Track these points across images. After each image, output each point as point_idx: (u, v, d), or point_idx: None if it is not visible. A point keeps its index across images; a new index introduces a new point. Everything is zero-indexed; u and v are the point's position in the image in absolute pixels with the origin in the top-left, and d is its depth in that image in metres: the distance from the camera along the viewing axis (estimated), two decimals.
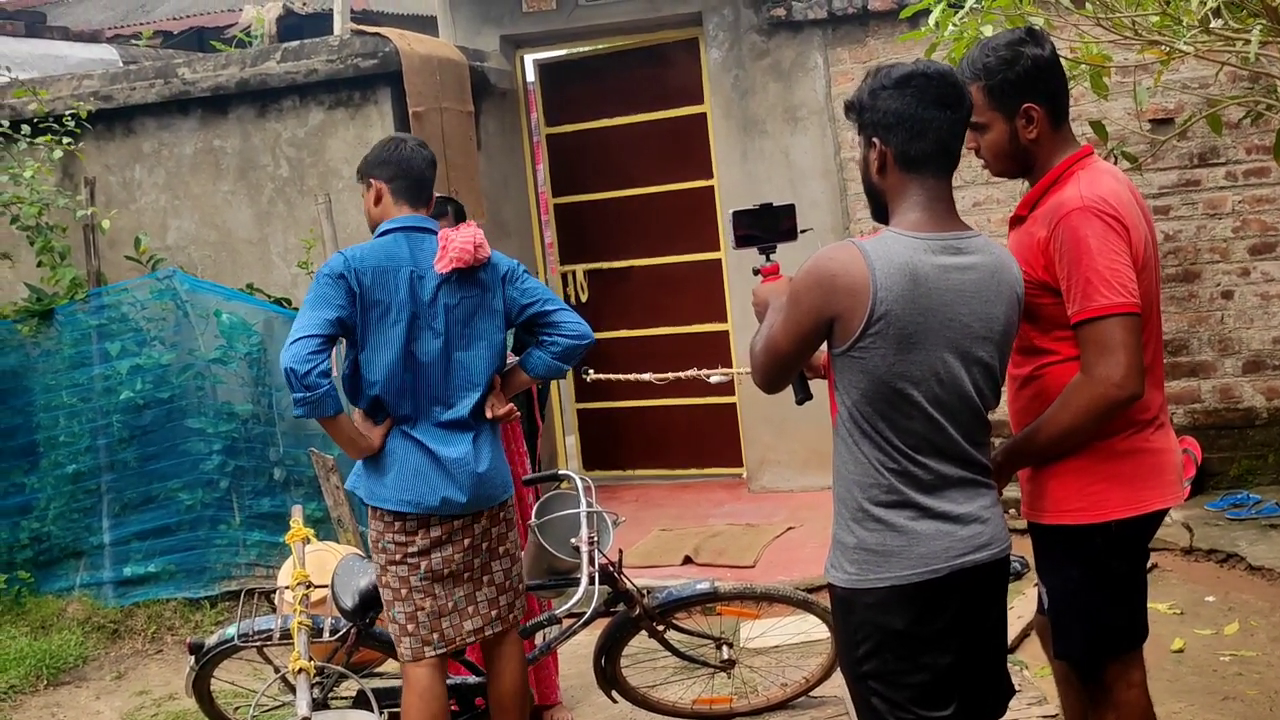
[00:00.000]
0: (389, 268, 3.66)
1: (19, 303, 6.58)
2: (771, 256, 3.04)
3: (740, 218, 3.04)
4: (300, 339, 3.53)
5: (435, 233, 3.78)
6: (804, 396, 2.97)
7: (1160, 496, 2.94)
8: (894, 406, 2.57)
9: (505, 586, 3.89)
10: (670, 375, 5.22)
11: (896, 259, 2.54)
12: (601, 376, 5.97)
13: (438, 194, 4.13)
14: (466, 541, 3.78)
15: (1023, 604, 5.01)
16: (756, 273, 3.02)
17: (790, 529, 6.60)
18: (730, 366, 7.52)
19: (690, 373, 5.01)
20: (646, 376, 5.26)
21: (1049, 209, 2.87)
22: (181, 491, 6.32)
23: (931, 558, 2.59)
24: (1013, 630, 4.60)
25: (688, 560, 6.24)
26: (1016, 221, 3.03)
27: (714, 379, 4.80)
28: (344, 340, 3.72)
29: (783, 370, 2.75)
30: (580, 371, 6.22)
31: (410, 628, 3.76)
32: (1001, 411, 2.89)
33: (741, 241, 3.04)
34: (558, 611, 3.96)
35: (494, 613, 3.86)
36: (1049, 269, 2.83)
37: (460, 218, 4.54)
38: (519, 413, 4.03)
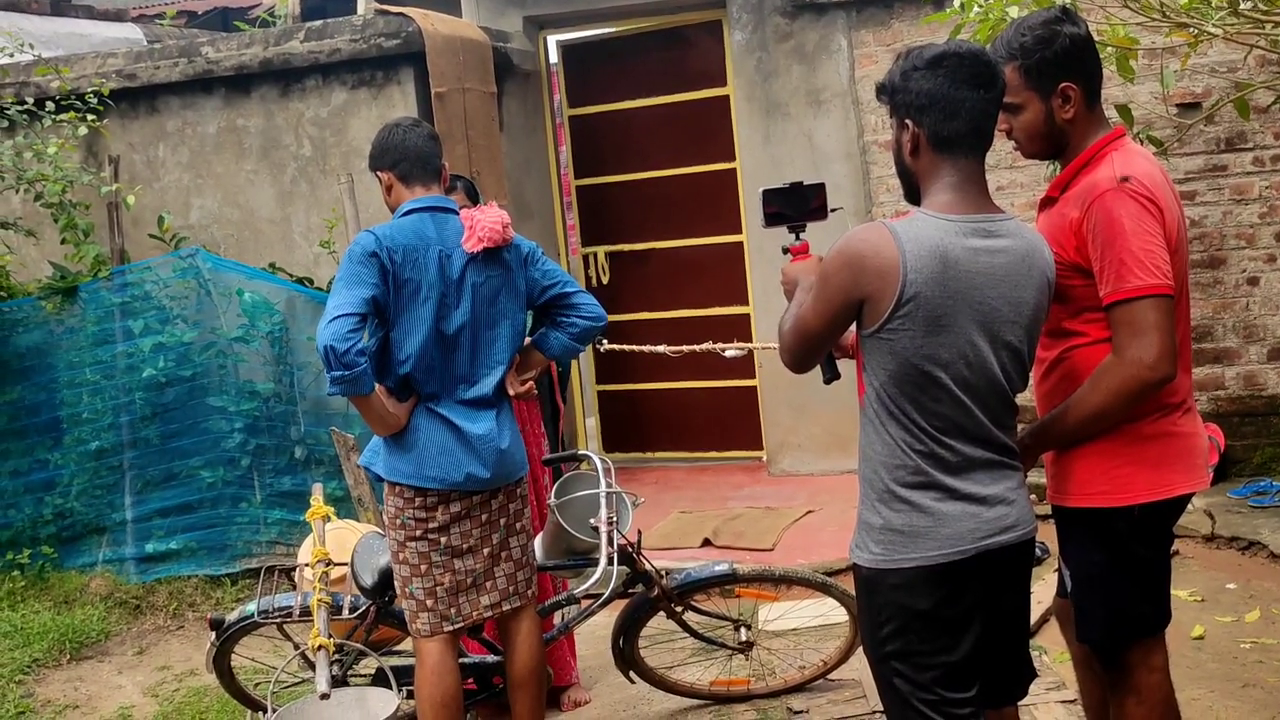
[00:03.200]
0: (419, 246, 3.67)
1: (43, 280, 6.61)
2: (801, 235, 3.02)
3: (770, 196, 3.02)
4: (338, 317, 3.47)
5: (457, 212, 3.79)
6: (832, 375, 2.96)
7: (1186, 481, 2.90)
8: (921, 389, 2.56)
9: (522, 562, 3.92)
10: (685, 348, 5.19)
11: (927, 241, 2.52)
12: (615, 347, 5.93)
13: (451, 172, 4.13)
14: (484, 517, 3.81)
15: (1043, 589, 4.98)
16: (786, 251, 3.01)
17: (809, 512, 6.58)
18: (753, 352, 7.48)
19: (705, 346, 4.98)
20: (661, 348, 5.24)
21: (1082, 189, 2.83)
22: (203, 469, 6.34)
23: (957, 539, 2.59)
24: (1033, 615, 4.58)
25: (707, 543, 6.23)
26: (1047, 203, 2.99)
27: (729, 353, 4.77)
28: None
29: (811, 350, 2.74)
30: (595, 342, 6.24)
31: (429, 603, 3.76)
32: (1026, 396, 2.88)
33: (771, 220, 3.03)
34: (576, 592, 3.95)
35: (511, 588, 3.88)
36: (1081, 250, 2.80)
37: (472, 193, 4.54)
38: (536, 391, 4.05)
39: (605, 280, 8.08)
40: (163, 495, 6.40)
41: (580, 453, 4.28)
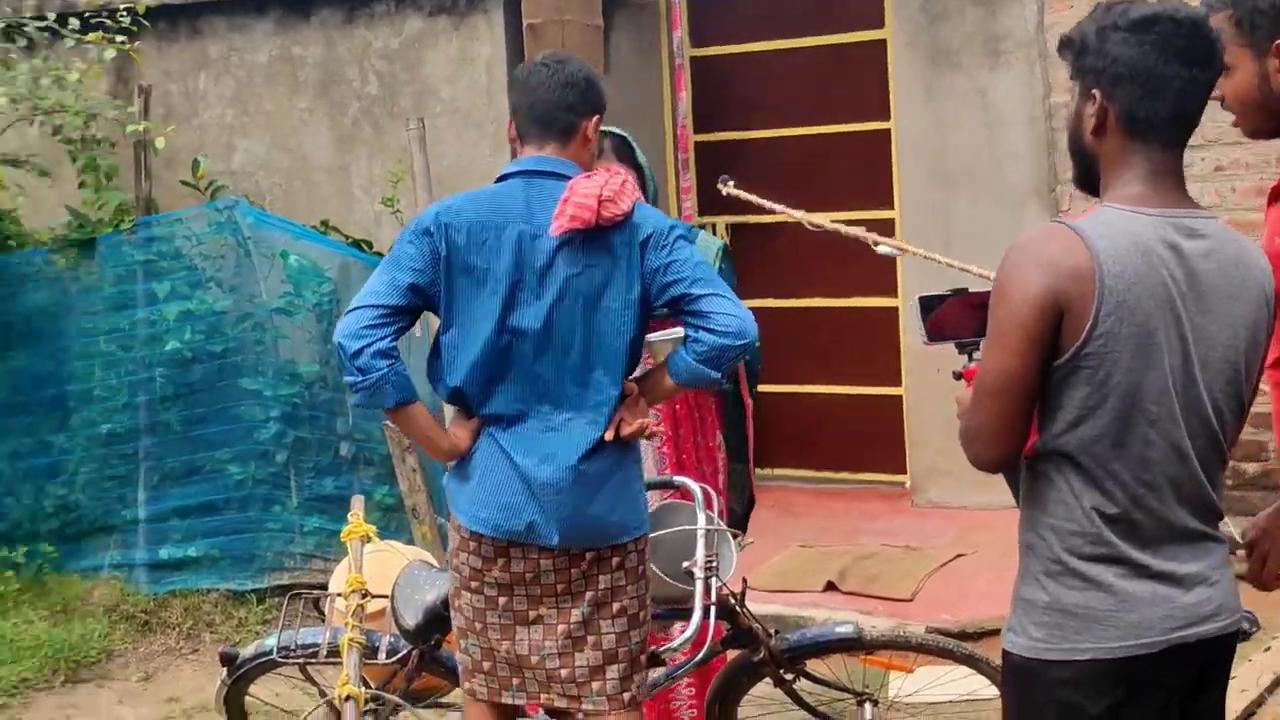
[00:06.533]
0: (493, 224, 3.44)
1: (56, 230, 6.66)
2: (975, 355, 2.84)
3: (928, 304, 2.89)
4: (358, 308, 3.39)
5: (568, 178, 3.48)
6: None
7: None
8: (1129, 429, 2.41)
9: (615, 654, 3.52)
10: (827, 224, 5.04)
11: (1122, 237, 2.39)
12: (741, 193, 5.63)
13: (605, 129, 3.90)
14: (561, 584, 3.49)
15: (1248, 673, 4.75)
16: (958, 377, 2.84)
17: (960, 556, 6.46)
18: (899, 355, 7.35)
19: (854, 232, 4.82)
20: (799, 215, 5.09)
21: None
22: (231, 463, 6.38)
23: (1145, 627, 2.45)
24: (1233, 709, 4.37)
25: (830, 586, 6.14)
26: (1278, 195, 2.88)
27: (882, 249, 4.61)
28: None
29: (1016, 404, 2.47)
30: (719, 180, 5.86)
31: (486, 666, 3.56)
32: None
33: (934, 336, 2.90)
34: (662, 650, 3.83)
35: (597, 684, 3.52)
36: None
37: (624, 154, 4.35)
38: (660, 429, 3.60)
39: None
40: (183, 491, 6.46)
41: (676, 479, 4.15)
